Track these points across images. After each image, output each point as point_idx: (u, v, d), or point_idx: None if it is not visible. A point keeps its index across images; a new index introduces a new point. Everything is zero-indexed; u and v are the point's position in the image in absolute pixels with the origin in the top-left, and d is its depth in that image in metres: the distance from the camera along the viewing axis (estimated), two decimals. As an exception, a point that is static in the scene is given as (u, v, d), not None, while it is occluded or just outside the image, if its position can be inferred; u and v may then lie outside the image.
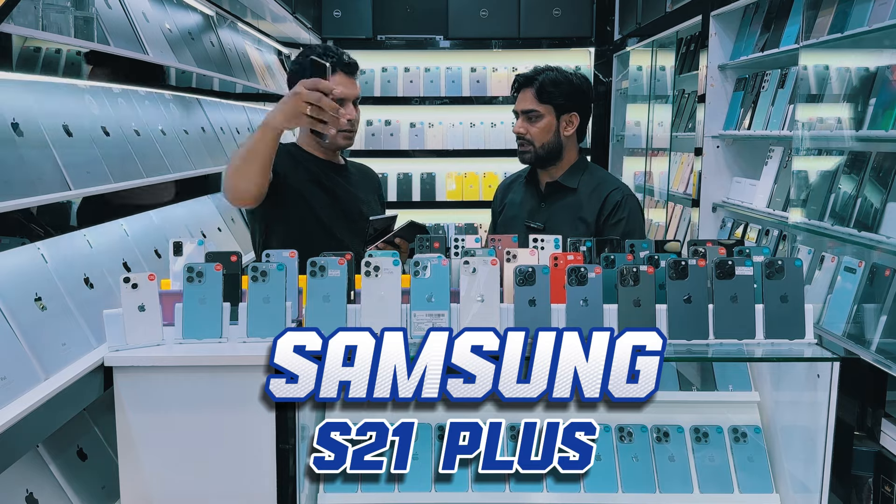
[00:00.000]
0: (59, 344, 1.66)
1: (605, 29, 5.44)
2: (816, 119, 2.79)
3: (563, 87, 2.39)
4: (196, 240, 1.88)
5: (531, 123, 2.39)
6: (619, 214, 2.36)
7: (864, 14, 2.41)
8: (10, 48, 1.75)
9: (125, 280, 1.66)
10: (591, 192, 2.42)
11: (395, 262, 1.68)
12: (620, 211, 2.37)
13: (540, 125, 2.39)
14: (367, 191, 2.50)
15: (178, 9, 3.03)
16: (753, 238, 3.34)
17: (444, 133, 5.57)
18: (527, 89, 2.41)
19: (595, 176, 2.49)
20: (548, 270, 1.69)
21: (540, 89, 2.38)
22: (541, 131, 2.39)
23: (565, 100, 2.39)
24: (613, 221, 2.36)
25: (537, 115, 2.39)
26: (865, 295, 2.31)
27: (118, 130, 2.27)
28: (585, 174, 2.47)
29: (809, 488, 1.66)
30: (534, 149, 2.41)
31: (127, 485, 1.67)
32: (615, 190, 2.41)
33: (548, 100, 2.38)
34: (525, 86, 2.41)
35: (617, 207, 2.37)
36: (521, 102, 2.42)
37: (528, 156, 2.43)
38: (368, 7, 5.40)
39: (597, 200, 2.39)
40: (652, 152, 4.76)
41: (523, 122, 2.41)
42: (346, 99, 2.30)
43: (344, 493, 1.79)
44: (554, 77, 2.39)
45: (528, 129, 2.40)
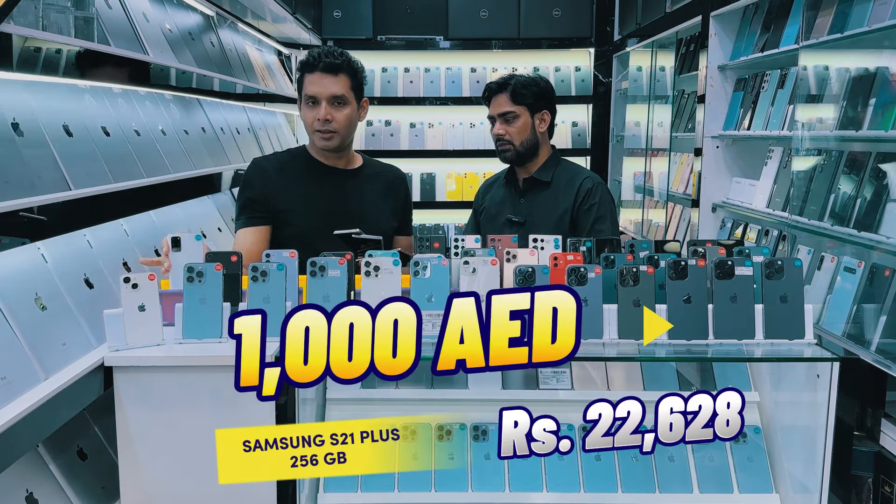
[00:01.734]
0: (59, 344, 1.66)
1: (605, 29, 5.44)
2: (816, 119, 2.79)
3: (532, 89, 2.61)
4: (194, 234, 1.88)
5: (509, 124, 2.61)
6: (591, 200, 2.58)
7: (864, 14, 2.41)
8: (11, 48, 1.75)
9: (125, 280, 1.66)
10: (566, 184, 2.63)
11: (396, 262, 1.69)
12: (591, 197, 2.58)
13: (518, 125, 2.61)
14: (379, 190, 2.43)
15: (178, 9, 3.03)
16: (753, 238, 3.34)
17: (443, 133, 5.58)
18: (500, 94, 2.61)
19: (568, 169, 2.70)
20: (547, 270, 1.69)
21: (514, 92, 2.59)
22: (519, 130, 2.61)
23: (536, 99, 2.61)
24: (586, 207, 2.57)
25: (514, 115, 2.60)
26: (865, 295, 2.31)
27: (118, 130, 2.27)
28: (558, 168, 2.68)
29: (809, 488, 1.66)
30: (514, 147, 2.62)
31: (127, 485, 1.67)
32: (586, 179, 2.63)
33: (521, 101, 2.60)
34: (498, 91, 2.62)
35: (588, 194, 2.59)
36: (497, 107, 2.62)
37: (509, 154, 2.65)
38: (368, 7, 5.40)
39: (571, 190, 2.61)
40: (652, 153, 4.76)
41: (501, 125, 2.62)
42: (318, 97, 2.26)
43: (344, 493, 1.80)
44: (524, 80, 2.62)
45: (507, 130, 2.61)
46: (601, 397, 1.40)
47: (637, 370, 1.95)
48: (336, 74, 2.28)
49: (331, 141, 2.30)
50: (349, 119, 2.31)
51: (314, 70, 2.27)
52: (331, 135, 2.29)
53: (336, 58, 2.28)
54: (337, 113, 2.28)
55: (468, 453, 1.83)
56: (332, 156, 2.37)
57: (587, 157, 5.56)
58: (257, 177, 2.33)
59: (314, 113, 2.28)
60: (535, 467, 1.82)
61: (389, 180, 2.50)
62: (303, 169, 2.35)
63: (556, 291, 1.31)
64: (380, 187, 2.44)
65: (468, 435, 1.84)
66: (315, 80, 2.27)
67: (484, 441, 1.84)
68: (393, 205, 2.46)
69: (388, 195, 2.46)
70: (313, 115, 2.28)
